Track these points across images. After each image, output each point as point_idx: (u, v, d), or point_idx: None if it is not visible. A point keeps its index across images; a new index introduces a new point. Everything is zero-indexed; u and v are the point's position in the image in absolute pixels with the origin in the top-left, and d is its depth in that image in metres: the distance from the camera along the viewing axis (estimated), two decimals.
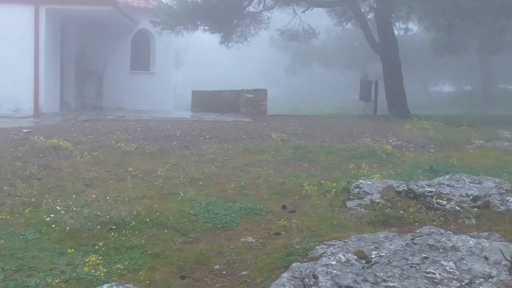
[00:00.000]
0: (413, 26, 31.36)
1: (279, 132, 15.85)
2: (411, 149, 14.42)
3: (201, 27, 26.65)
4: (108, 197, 9.10)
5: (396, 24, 27.55)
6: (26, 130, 15.05)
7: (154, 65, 30.14)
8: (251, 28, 27.96)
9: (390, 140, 15.31)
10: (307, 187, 10.00)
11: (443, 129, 17.66)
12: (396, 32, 27.38)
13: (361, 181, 9.71)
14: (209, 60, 69.49)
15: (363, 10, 27.10)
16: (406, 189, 9.00)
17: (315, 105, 47.13)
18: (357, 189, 9.35)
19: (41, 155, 12.35)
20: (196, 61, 66.60)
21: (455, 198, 8.50)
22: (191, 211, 8.68)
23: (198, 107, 25.54)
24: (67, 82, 26.42)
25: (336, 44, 46.42)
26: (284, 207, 9.23)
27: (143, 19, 27.77)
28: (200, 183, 10.47)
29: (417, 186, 9.01)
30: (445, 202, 8.45)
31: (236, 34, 27.64)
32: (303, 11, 27.89)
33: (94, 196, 9.38)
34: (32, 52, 21.31)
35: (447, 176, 9.41)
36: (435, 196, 8.55)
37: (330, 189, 9.85)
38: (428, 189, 8.80)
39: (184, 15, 25.02)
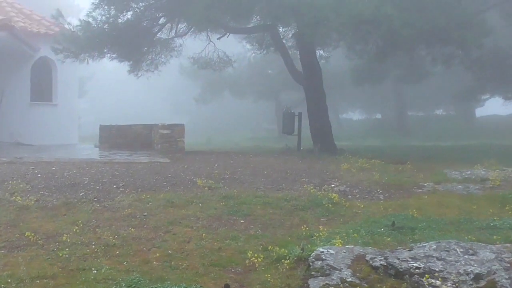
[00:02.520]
0: (332, 54, 29.87)
1: (204, 177, 13.81)
2: (358, 195, 12.65)
3: (108, 54, 24.49)
4: None
5: (318, 52, 26.07)
6: None
7: (57, 95, 27.90)
8: (162, 56, 26.10)
9: (332, 185, 13.49)
10: (251, 255, 8.07)
11: (383, 169, 16.00)
12: None
13: (321, 249, 7.83)
14: (115, 87, 67.37)
15: (283, 37, 25.51)
16: (385, 264, 7.14)
17: (227, 135, 45.67)
18: (319, 262, 7.45)
19: None
20: (102, 89, 64.35)
21: (451, 277, 6.72)
22: None
23: (107, 143, 23.22)
24: None
25: (248, 72, 44.82)
26: (226, 287, 7.21)
27: (44, 46, 25.41)
28: (117, 252, 8.36)
29: (399, 259, 7.16)
30: (439, 283, 6.65)
31: (146, 62, 25.76)
32: (219, 38, 26.19)
33: None
34: None
35: (433, 245, 7.55)
36: (426, 275, 6.69)
37: (280, 258, 7.99)
38: (414, 264, 6.98)
39: (89, 42, 22.80)
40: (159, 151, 20.30)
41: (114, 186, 12.71)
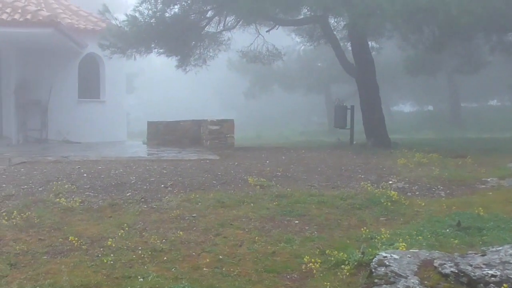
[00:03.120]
0: (384, 46, 29.05)
1: (256, 174, 13.28)
2: (417, 193, 11.99)
3: (156, 49, 24.12)
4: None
5: (370, 43, 25.31)
6: None
7: (105, 92, 27.75)
8: (210, 50, 25.63)
9: (390, 182, 12.83)
10: (308, 259, 7.49)
11: (442, 164, 15.28)
12: None
13: (383, 253, 7.19)
14: (164, 83, 67.21)
15: (334, 28, 24.84)
16: (456, 271, 6.47)
17: (277, 129, 45.09)
18: (382, 268, 6.81)
19: None
20: (150, 85, 64.22)
21: None
22: None
23: (155, 140, 22.87)
24: (6, 113, 23.62)
25: (298, 65, 44.15)
26: None
27: (91, 43, 25.25)
28: (165, 257, 7.84)
29: (471, 266, 6.48)
30: None
31: (193, 57, 25.30)
32: (268, 31, 25.60)
33: (16, 285, 6.76)
34: None
35: (509, 249, 6.86)
36: (504, 284, 6.02)
37: (339, 263, 7.39)
38: (490, 272, 6.29)
39: (136, 37, 22.44)
40: (208, 148, 19.87)
41: (162, 185, 12.24)
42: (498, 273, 6.26)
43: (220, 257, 7.88)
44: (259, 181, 12.47)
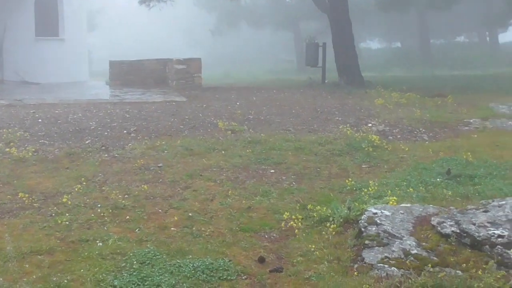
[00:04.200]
0: None
1: (226, 118, 12.42)
2: (399, 136, 11.26)
3: None
4: None
5: None
6: None
7: (64, 29, 26.23)
8: None
9: (370, 124, 12.06)
10: (288, 216, 6.69)
11: (420, 103, 14.60)
12: None
13: (373, 209, 6.45)
14: (128, 20, 65.28)
15: None
16: (458, 231, 5.70)
17: (245, 68, 44.02)
18: (373, 227, 6.05)
19: None
20: (113, 22, 62.40)
21: None
22: (115, 282, 5.22)
23: (118, 80, 21.73)
24: None
25: (266, 1, 42.87)
26: (261, 260, 5.86)
27: None
28: (127, 216, 6.98)
29: (474, 225, 5.71)
30: None
31: None
32: None
33: None
34: None
35: (510, 201, 6.10)
36: None
37: (323, 219, 6.67)
38: (496, 232, 5.55)
39: None
40: (174, 88, 18.88)
41: (125, 131, 11.30)
42: (506, 233, 5.52)
43: (190, 214, 7.05)
44: (230, 126, 11.59)
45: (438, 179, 8.16)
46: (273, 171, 8.89)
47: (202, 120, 12.43)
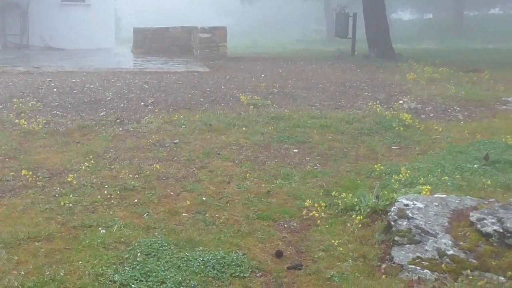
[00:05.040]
0: None
1: (249, 91, 11.79)
2: (432, 115, 10.54)
3: None
4: None
5: None
6: None
7: None
8: None
9: (401, 101, 11.34)
10: (310, 203, 6.06)
11: (455, 80, 13.82)
12: None
13: (404, 200, 5.78)
14: None
15: None
16: (501, 230, 5.03)
17: (274, 38, 43.25)
18: (403, 221, 5.40)
19: None
20: None
21: None
22: (115, 277, 4.64)
23: (142, 48, 21.24)
24: None
25: None
26: (279, 255, 5.26)
27: None
28: (136, 199, 6.39)
29: None
30: None
31: None
32: None
33: None
34: None
35: None
36: None
37: (348, 208, 6.05)
38: None
39: None
40: (198, 58, 18.28)
41: (142, 103, 10.71)
42: None
43: (204, 198, 6.46)
44: (253, 100, 10.94)
45: (475, 165, 7.46)
46: (296, 150, 8.26)
47: (224, 93, 11.80)
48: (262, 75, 14.22)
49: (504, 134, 8.80)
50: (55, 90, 11.64)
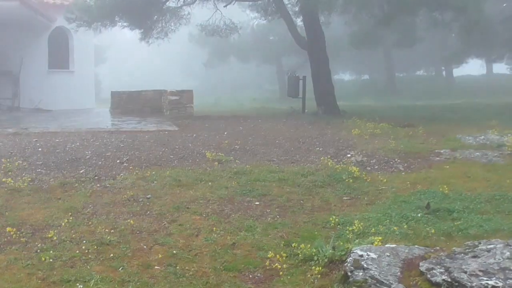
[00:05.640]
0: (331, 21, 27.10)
1: (214, 148, 11.40)
2: (376, 167, 10.23)
3: (120, 23, 22.07)
4: None
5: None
6: None
7: (73, 62, 25.73)
8: (172, 24, 23.59)
9: (349, 155, 11.05)
10: (272, 255, 5.69)
11: (394, 134, 13.60)
12: None
13: (359, 251, 5.41)
14: (133, 54, 64.69)
15: (288, 2, 22.94)
16: (449, 280, 4.69)
17: (233, 96, 43.22)
18: (359, 272, 5.02)
19: None
20: (121, 56, 62.22)
21: None
22: None
23: (118, 108, 20.88)
24: None
25: (252, 38, 42.11)
26: None
27: (60, 16, 23.16)
28: (111, 253, 5.93)
29: (465, 273, 4.70)
30: None
31: (156, 30, 23.37)
32: (225, 6, 23.78)
33: None
34: None
35: (501, 247, 5.12)
36: None
37: (307, 259, 5.70)
38: (489, 282, 4.53)
39: (100, 11, 20.33)
40: (168, 117, 17.92)
41: (118, 160, 10.24)
42: (500, 284, 4.50)
43: (174, 251, 6.04)
44: (217, 156, 10.54)
45: (418, 214, 7.16)
46: (258, 203, 7.87)
47: (191, 150, 11.38)
48: (225, 133, 13.87)
49: (441, 184, 8.54)
50: (40, 149, 11.12)
